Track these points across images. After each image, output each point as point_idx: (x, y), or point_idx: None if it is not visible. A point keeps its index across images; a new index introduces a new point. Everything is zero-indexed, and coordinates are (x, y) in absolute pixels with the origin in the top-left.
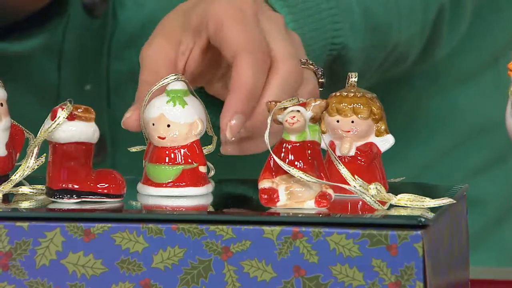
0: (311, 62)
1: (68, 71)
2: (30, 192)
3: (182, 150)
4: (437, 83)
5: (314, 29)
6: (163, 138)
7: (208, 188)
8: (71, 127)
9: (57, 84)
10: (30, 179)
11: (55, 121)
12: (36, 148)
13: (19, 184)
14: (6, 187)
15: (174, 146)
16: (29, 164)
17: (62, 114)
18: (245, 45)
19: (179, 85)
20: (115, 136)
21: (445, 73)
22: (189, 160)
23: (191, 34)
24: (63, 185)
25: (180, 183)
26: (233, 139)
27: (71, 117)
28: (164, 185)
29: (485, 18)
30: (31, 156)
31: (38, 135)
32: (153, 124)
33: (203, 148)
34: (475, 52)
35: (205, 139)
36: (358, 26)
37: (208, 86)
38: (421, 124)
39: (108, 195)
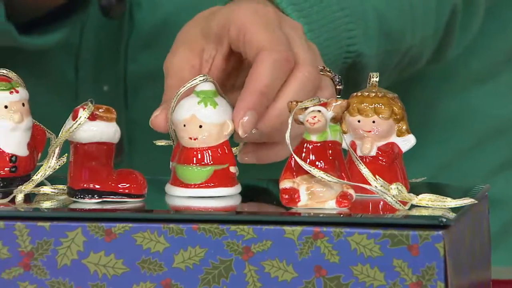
0: (328, 69)
1: (86, 72)
2: (52, 192)
3: (213, 151)
4: (454, 83)
5: (329, 38)
6: (195, 139)
7: (237, 189)
8: (93, 127)
9: (75, 84)
10: (52, 179)
11: (76, 121)
12: (58, 148)
13: (41, 184)
14: (28, 187)
15: (205, 147)
16: (51, 164)
17: (83, 114)
18: (269, 43)
19: (209, 86)
20: (132, 137)
21: (461, 73)
22: (220, 161)
23: (213, 41)
24: (85, 185)
25: (212, 184)
26: (245, 135)
27: (92, 117)
28: (196, 186)
29: (500, 16)
30: (53, 156)
31: (59, 135)
32: (184, 125)
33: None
34: (491, 51)
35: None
36: (373, 32)
37: (227, 94)
38: (438, 124)
39: (129, 195)
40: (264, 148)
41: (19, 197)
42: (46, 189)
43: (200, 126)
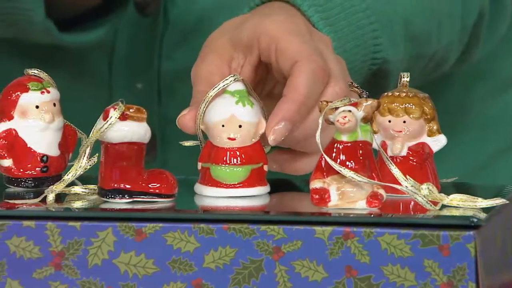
0: (356, 85)
1: (120, 69)
2: (83, 192)
3: (249, 150)
4: (489, 84)
5: (356, 46)
6: (234, 139)
7: (268, 188)
8: (123, 127)
9: (109, 82)
10: (83, 179)
11: (107, 121)
12: (89, 148)
13: (72, 184)
14: (59, 187)
15: (242, 146)
16: (82, 164)
17: (114, 114)
18: (305, 53)
19: (241, 85)
20: (165, 135)
21: (497, 74)
22: (256, 160)
23: (242, 50)
24: (115, 185)
25: (249, 183)
26: (273, 144)
27: (123, 117)
28: (233, 186)
29: None
30: (84, 156)
31: (90, 135)
32: (223, 126)
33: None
34: None
35: None
36: (399, 38)
37: None
38: (472, 124)
39: (159, 195)
40: (291, 159)
41: (50, 197)
42: (77, 189)
43: (240, 126)
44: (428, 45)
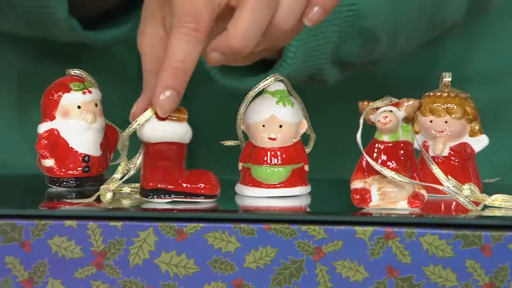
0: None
1: None
2: (132, 191)
3: (290, 150)
4: None
5: None
6: (274, 139)
7: (309, 188)
8: (163, 127)
9: (137, 80)
10: (127, 178)
11: (140, 119)
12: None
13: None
14: (112, 185)
15: (283, 146)
16: (137, 163)
17: (147, 113)
18: (176, 14)
19: (282, 85)
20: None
21: None
22: (297, 160)
23: (168, 6)
24: (157, 185)
25: (290, 183)
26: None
27: (162, 117)
28: (275, 186)
29: None
30: (139, 156)
31: (124, 133)
32: (264, 126)
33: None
34: None
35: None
36: None
37: None
38: (504, 122)
39: (201, 195)
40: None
41: (108, 196)
42: (126, 188)
43: (280, 126)
44: None
